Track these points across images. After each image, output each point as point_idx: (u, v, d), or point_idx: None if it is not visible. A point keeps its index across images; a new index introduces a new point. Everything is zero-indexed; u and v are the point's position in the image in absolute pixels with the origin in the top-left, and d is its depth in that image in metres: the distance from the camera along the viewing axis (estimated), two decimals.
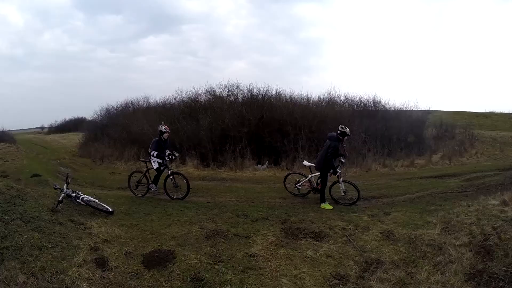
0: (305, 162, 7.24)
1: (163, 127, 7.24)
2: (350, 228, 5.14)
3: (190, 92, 15.08)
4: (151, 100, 17.87)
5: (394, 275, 3.74)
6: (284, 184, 7.49)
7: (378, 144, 13.17)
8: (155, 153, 7.09)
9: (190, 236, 4.73)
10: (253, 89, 14.04)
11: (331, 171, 6.50)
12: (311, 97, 15.31)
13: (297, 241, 4.66)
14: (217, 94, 14.51)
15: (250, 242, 4.58)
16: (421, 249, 4.33)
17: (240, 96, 14.39)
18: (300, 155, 11.77)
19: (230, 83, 14.67)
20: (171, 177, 7.22)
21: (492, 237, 4.24)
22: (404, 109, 16.92)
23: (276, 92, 14.48)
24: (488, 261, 3.78)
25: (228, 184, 8.92)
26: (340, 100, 15.73)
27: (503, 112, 26.30)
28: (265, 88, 14.13)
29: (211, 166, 11.45)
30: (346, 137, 6.63)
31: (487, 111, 26.83)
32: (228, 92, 14.50)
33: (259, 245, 4.49)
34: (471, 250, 4.11)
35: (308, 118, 12.64)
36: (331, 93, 15.55)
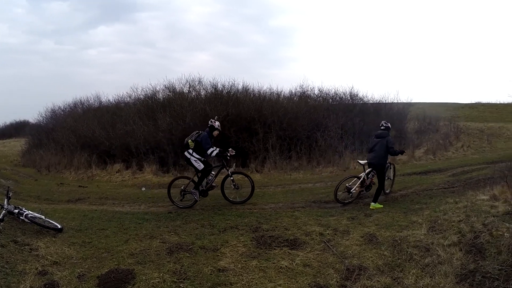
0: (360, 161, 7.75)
1: (216, 123, 7.50)
2: (328, 233, 5.36)
3: (147, 89, 15.38)
4: (103, 99, 18.07)
5: (379, 281, 3.90)
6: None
7: (356, 140, 13.68)
8: (216, 151, 7.25)
9: (151, 252, 4.79)
10: (217, 84, 14.46)
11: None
12: (281, 91, 15.88)
13: (271, 250, 4.80)
14: (177, 90, 14.75)
15: (218, 255, 4.68)
16: (407, 252, 4.57)
17: (202, 92, 14.77)
18: (270, 155, 12.06)
19: (191, 77, 15.15)
20: (231, 177, 7.49)
21: (483, 234, 4.52)
22: (384, 102, 17.75)
23: (243, 87, 14.89)
24: (480, 260, 4.02)
25: None
26: (314, 93, 16.36)
27: (490, 102, 28.56)
28: (230, 83, 14.56)
29: (172, 172, 11.55)
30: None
31: (473, 101, 29.21)
32: (189, 88, 14.84)
33: (228, 258, 4.59)
34: (461, 250, 4.37)
35: (279, 115, 12.97)
36: (304, 87, 16.21)
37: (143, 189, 9.76)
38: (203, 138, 7.32)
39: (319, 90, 16.59)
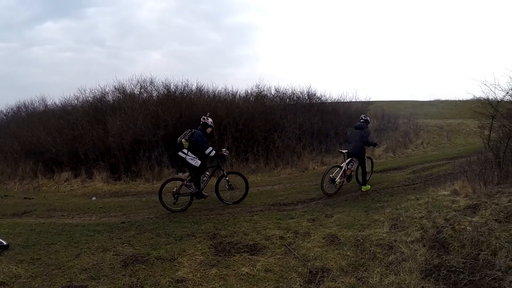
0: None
1: (209, 120, 7.68)
2: (289, 237, 5.42)
3: (96, 91, 15.00)
4: (49, 102, 17.60)
5: (343, 282, 3.97)
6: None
7: (315, 140, 14.11)
8: (214, 151, 7.43)
9: (104, 266, 4.67)
10: (170, 85, 14.40)
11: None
12: (237, 92, 16.09)
13: (230, 257, 4.79)
14: (128, 91, 14.57)
15: (175, 265, 4.63)
16: (370, 251, 4.69)
17: (154, 94, 14.65)
18: (227, 158, 11.93)
19: (143, 78, 15.26)
20: (226, 178, 7.72)
21: (446, 229, 4.69)
22: (342, 100, 18.55)
23: (197, 87, 15.06)
24: (444, 255, 4.17)
25: (145, 198, 8.99)
26: (271, 93, 16.74)
27: (449, 99, 30.37)
28: (184, 83, 14.63)
29: (124, 179, 11.38)
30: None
31: (432, 99, 31.00)
32: (140, 89, 14.67)
33: (186, 268, 4.54)
34: (424, 245, 4.52)
35: (234, 116, 13.11)
36: (260, 87, 16.46)
37: (94, 198, 9.51)
38: (198, 137, 7.40)
39: (276, 90, 16.95)
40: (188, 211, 7.36)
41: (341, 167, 8.51)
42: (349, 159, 8.55)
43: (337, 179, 8.27)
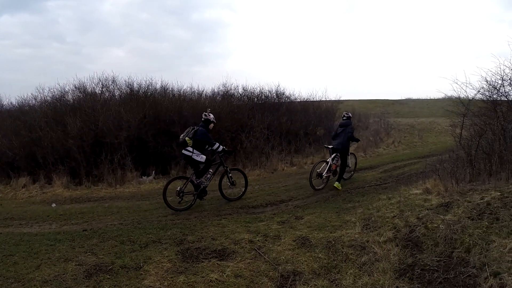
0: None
1: (211, 116, 7.97)
2: (258, 240, 5.43)
3: (55, 90, 14.63)
4: (5, 102, 16.97)
5: (316, 285, 3.99)
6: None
7: (284, 140, 14.33)
8: (221, 146, 7.84)
9: (67, 277, 4.55)
10: (133, 83, 14.30)
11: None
12: (203, 91, 16.29)
13: (198, 263, 4.75)
14: (89, 91, 14.28)
15: (141, 274, 4.55)
16: (343, 252, 4.75)
17: (117, 93, 14.49)
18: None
19: (104, 76, 14.64)
20: (230, 174, 8.25)
21: (418, 228, 4.81)
22: (312, 99, 18.89)
23: (162, 86, 15.01)
24: (418, 254, 4.26)
25: (107, 204, 8.80)
26: (238, 92, 16.95)
27: (420, 98, 31.49)
28: (148, 82, 14.55)
29: (85, 184, 11.13)
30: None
31: (404, 97, 32.14)
32: (102, 88, 14.43)
33: (153, 276, 4.47)
34: (397, 245, 4.61)
35: (200, 116, 12.93)
36: (227, 85, 16.72)
37: (54, 205, 9.20)
38: (203, 134, 7.64)
39: (243, 89, 17.12)
40: (153, 216, 7.28)
41: (327, 162, 9.18)
42: (334, 155, 9.25)
43: (324, 174, 8.96)
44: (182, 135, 7.80)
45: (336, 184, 8.98)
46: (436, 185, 6.74)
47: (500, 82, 8.05)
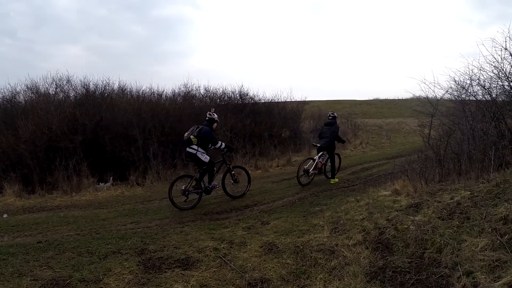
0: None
1: (215, 115, 8.53)
2: (223, 247, 5.40)
3: (5, 90, 14.27)
4: None
5: None
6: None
7: (247, 143, 14.43)
8: (223, 144, 8.44)
9: None
10: (89, 84, 14.17)
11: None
12: (163, 91, 16.34)
13: (161, 274, 4.69)
14: (42, 91, 14.06)
15: (101, 287, 4.44)
16: (311, 257, 4.78)
17: (72, 94, 14.32)
18: (152, 165, 12.06)
19: (59, 76, 14.36)
20: (232, 172, 8.88)
21: (388, 229, 4.89)
22: (276, 100, 19.17)
23: (119, 87, 15.03)
24: (388, 256, 4.33)
25: (63, 213, 8.61)
26: (200, 93, 17.22)
27: (388, 98, 32.42)
28: (104, 82, 14.45)
29: (39, 192, 10.84)
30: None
31: (371, 98, 33.07)
32: (56, 89, 14.21)
33: None
34: (367, 248, 4.68)
35: (160, 118, 13.20)
36: (189, 86, 16.87)
37: (5, 216, 8.91)
38: (207, 132, 8.15)
39: (205, 90, 17.37)
40: (112, 225, 7.17)
41: (314, 160, 10.06)
42: (320, 153, 10.13)
43: (311, 171, 9.85)
44: (186, 133, 8.24)
45: (332, 180, 10.08)
46: (405, 186, 6.91)
47: (468, 82, 8.40)
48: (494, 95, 8.04)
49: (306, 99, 21.01)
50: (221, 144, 8.35)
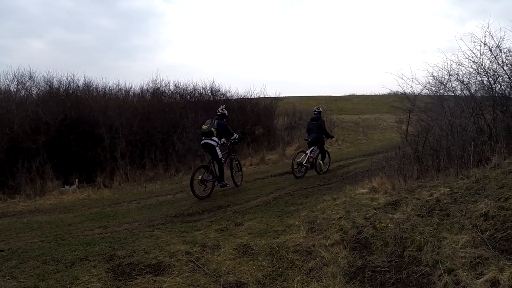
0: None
1: (226, 111, 9.73)
2: (196, 251, 5.36)
3: None
4: None
5: None
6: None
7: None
8: (237, 136, 9.86)
9: None
10: (53, 80, 14.05)
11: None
12: (131, 88, 16.46)
13: (132, 281, 4.64)
14: (2, 88, 13.97)
15: None
16: (288, 258, 4.80)
17: (34, 91, 14.29)
18: (120, 165, 11.99)
19: (20, 72, 14.30)
20: (237, 162, 10.24)
21: (366, 228, 4.93)
22: (249, 97, 19.41)
23: (85, 83, 14.98)
24: (367, 255, 4.38)
25: (26, 219, 8.42)
26: (169, 90, 17.29)
27: (365, 94, 32.79)
28: (69, 78, 14.32)
29: (0, 196, 10.57)
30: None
31: (347, 94, 33.31)
32: (17, 86, 14.14)
33: None
34: (345, 247, 4.71)
35: (128, 116, 13.13)
36: (158, 82, 16.93)
37: None
38: (224, 125, 9.36)
39: (175, 86, 17.49)
40: (78, 230, 7.07)
41: (306, 153, 10.87)
42: (311, 148, 10.98)
43: (304, 163, 10.66)
44: (205, 125, 9.19)
45: (320, 163, 11.14)
46: (382, 183, 6.98)
47: (447, 77, 8.59)
48: (473, 91, 8.23)
49: (280, 95, 21.28)
50: (235, 136, 9.69)
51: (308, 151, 10.92)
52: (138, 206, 8.48)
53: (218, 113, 9.54)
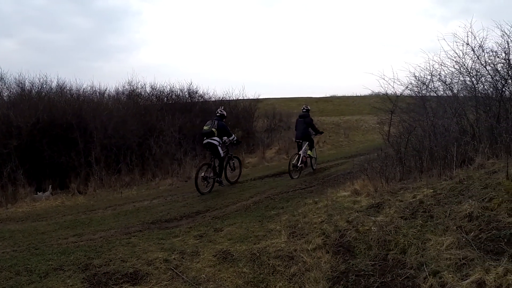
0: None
1: (225, 112, 10.72)
2: (174, 258, 5.32)
3: None
4: None
5: None
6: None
7: (197, 144, 14.26)
8: (235, 137, 10.84)
9: None
10: (24, 82, 14.13)
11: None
12: (106, 90, 16.41)
13: None
14: None
15: None
16: (269, 264, 4.79)
17: (5, 93, 14.29)
18: (95, 170, 11.90)
19: None
20: (233, 161, 11.23)
21: (349, 232, 4.96)
22: (228, 98, 19.47)
23: (58, 85, 14.95)
24: (350, 259, 4.40)
25: None
26: (145, 92, 17.31)
27: (346, 95, 33.13)
28: (42, 80, 14.40)
29: None
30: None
31: (328, 95, 33.55)
32: None
33: None
34: (328, 252, 4.73)
35: (102, 119, 13.08)
36: (134, 83, 16.92)
37: None
38: (224, 126, 10.26)
39: (151, 87, 17.45)
40: (52, 239, 6.98)
41: (299, 154, 11.32)
42: (304, 147, 11.59)
43: (298, 164, 11.16)
44: (207, 126, 10.08)
45: (309, 152, 11.79)
46: (365, 185, 7.04)
47: (429, 77, 8.70)
48: (455, 91, 8.35)
49: (260, 97, 21.29)
50: (234, 137, 10.59)
51: (301, 152, 11.40)
52: (114, 212, 8.40)
53: (218, 114, 10.40)
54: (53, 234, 7.22)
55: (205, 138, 10.06)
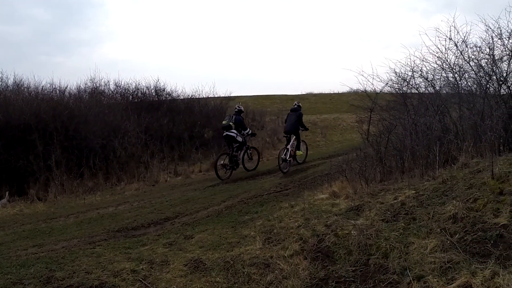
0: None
1: (242, 107, 13.11)
2: (142, 269, 5.26)
3: None
4: None
5: None
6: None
7: (165, 146, 14.55)
8: (250, 130, 12.89)
9: None
10: None
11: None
12: (67, 87, 16.41)
13: None
14: None
15: None
16: (244, 272, 4.76)
17: None
18: (55, 175, 11.76)
19: None
20: (249, 151, 13.11)
21: (328, 236, 4.97)
22: (197, 96, 19.60)
23: (15, 82, 15.15)
24: (330, 265, 4.41)
25: None
26: (109, 89, 17.48)
27: (323, 92, 33.31)
28: None
29: None
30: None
31: (304, 92, 33.66)
32: None
33: None
34: (306, 258, 4.72)
35: (63, 119, 12.93)
36: (96, 80, 17.10)
37: None
38: (241, 120, 12.37)
39: (116, 85, 17.59)
40: (10, 250, 6.75)
41: (287, 149, 12.22)
42: (291, 141, 12.54)
43: (288, 158, 12.05)
44: (225, 121, 12.18)
45: (298, 152, 12.94)
46: (343, 187, 7.09)
47: (410, 73, 8.78)
48: (437, 87, 8.48)
49: (231, 95, 21.49)
50: (249, 130, 12.66)
51: (289, 146, 12.34)
52: (77, 220, 8.32)
53: (236, 110, 12.61)
54: (11, 245, 7.13)
55: (224, 131, 12.13)
